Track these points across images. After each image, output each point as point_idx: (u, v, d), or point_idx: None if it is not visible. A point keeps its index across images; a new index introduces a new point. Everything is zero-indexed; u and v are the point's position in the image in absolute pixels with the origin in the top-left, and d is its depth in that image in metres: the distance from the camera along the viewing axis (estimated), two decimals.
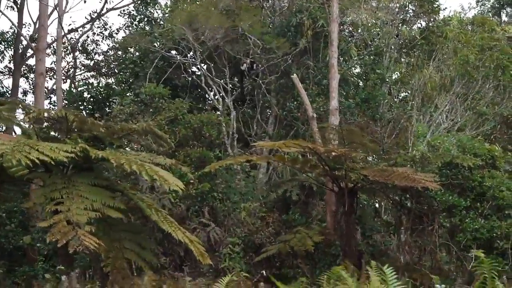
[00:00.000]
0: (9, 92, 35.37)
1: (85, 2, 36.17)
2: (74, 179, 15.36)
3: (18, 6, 35.25)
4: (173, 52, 28.34)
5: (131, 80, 28.81)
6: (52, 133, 17.65)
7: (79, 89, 29.55)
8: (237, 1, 26.07)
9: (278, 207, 22.45)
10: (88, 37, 37.25)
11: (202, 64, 26.90)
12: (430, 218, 18.98)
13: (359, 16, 26.17)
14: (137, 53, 29.77)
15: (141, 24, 32.24)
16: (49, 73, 35.82)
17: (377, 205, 24.61)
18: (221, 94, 26.13)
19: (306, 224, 21.15)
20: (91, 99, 28.40)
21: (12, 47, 35.59)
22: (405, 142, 24.67)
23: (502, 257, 17.48)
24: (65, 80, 35.27)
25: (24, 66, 36.79)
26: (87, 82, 30.58)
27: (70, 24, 37.55)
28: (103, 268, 15.36)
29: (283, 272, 20.04)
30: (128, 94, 26.66)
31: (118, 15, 34.35)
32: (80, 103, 28.60)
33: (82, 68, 37.90)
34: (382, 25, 27.59)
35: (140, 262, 16.17)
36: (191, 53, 26.82)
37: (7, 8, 35.58)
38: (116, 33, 36.25)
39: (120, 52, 33.24)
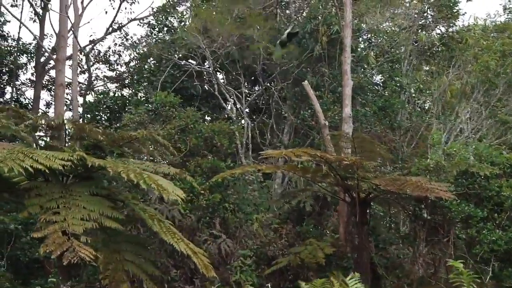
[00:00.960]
0: (32, 103, 35.33)
1: (106, 13, 36.22)
2: (72, 188, 14.94)
3: (40, 17, 35.29)
4: (191, 61, 28.04)
5: (149, 90, 28.59)
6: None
7: (96, 99, 29.43)
8: (251, 9, 25.67)
9: (293, 218, 21.94)
10: (109, 48, 37.12)
11: (217, 73, 26.58)
12: (446, 230, 18.25)
13: (375, 22, 25.53)
14: (154, 62, 29.55)
15: (160, 34, 32.05)
16: (71, 85, 35.61)
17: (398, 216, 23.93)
18: (235, 103, 25.77)
19: (320, 236, 20.60)
20: (108, 109, 28.29)
21: (34, 59, 35.60)
22: (425, 151, 23.92)
23: None
24: (88, 92, 35.07)
25: (46, 77, 36.80)
26: (103, 92, 30.31)
27: (91, 35, 37.45)
28: (102, 281, 14.91)
29: (296, 285, 19.43)
30: (145, 104, 26.39)
31: (138, 25, 34.22)
32: (97, 113, 28.52)
33: (105, 79, 37.68)
34: (400, 31, 26.94)
35: (142, 274, 15.66)
36: (206, 62, 26.50)
37: (29, 20, 35.77)
38: (137, 44, 36.00)
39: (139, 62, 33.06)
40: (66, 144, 16.68)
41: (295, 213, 21.84)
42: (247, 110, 26.03)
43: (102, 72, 37.74)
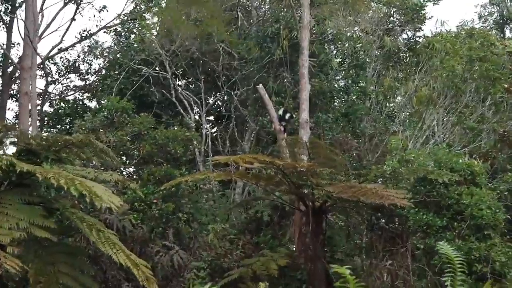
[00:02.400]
0: None
1: (74, 20, 35.22)
2: (3, 195, 14.17)
3: (7, 25, 34.51)
4: (157, 68, 27.34)
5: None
6: None
7: (55, 107, 28.79)
8: (212, 12, 25.01)
9: (251, 229, 21.09)
10: (79, 56, 36.26)
11: (176, 79, 25.93)
12: (404, 239, 17.43)
13: (338, 26, 24.83)
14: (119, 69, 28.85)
15: (127, 41, 31.36)
16: (42, 95, 34.74)
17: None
18: (196, 110, 25.10)
19: (278, 247, 19.76)
20: (68, 117, 27.61)
21: (1, 68, 34.77)
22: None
23: (481, 282, 15.94)
24: (46, 100, 34.23)
25: (16, 87, 35.90)
26: (63, 99, 29.63)
27: (59, 44, 36.55)
28: None
29: None
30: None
31: (104, 32, 33.41)
32: (57, 121, 27.88)
33: (75, 88, 36.75)
34: (364, 36, 26.28)
35: (78, 287, 14.80)
36: (168, 68, 25.81)
37: None
38: (107, 52, 35.18)
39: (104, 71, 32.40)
40: None
41: (254, 223, 21.00)
42: (210, 117, 25.29)
43: (71, 82, 36.88)
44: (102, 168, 19.64)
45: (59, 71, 35.64)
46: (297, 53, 23.71)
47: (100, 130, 21.23)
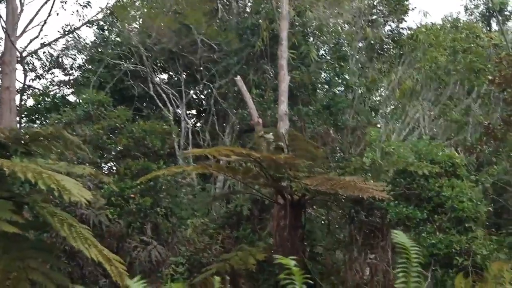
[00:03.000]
0: None
1: (57, 14, 34.84)
2: None
3: None
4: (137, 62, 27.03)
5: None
6: None
7: (35, 102, 28.44)
8: (191, 5, 24.65)
9: (231, 223, 20.75)
10: (62, 50, 35.82)
11: (156, 72, 25.61)
12: (384, 233, 17.08)
13: (319, 17, 24.45)
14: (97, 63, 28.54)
15: (111, 36, 31.01)
16: (27, 91, 34.30)
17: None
18: (173, 103, 24.75)
19: (258, 241, 19.45)
20: (47, 111, 27.26)
21: None
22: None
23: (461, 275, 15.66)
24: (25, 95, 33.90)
25: None
26: (42, 93, 29.27)
27: (42, 38, 36.09)
28: None
29: None
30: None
31: (86, 26, 32.98)
32: (36, 115, 27.53)
33: (59, 83, 36.36)
34: (346, 27, 25.94)
35: (49, 283, 14.42)
36: (146, 62, 25.48)
37: None
38: (89, 46, 34.79)
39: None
40: None
41: (234, 217, 20.66)
42: (192, 111, 24.94)
43: (55, 76, 36.47)
44: (78, 162, 19.26)
45: (43, 66, 35.20)
46: (278, 45, 23.44)
47: (78, 124, 20.85)
